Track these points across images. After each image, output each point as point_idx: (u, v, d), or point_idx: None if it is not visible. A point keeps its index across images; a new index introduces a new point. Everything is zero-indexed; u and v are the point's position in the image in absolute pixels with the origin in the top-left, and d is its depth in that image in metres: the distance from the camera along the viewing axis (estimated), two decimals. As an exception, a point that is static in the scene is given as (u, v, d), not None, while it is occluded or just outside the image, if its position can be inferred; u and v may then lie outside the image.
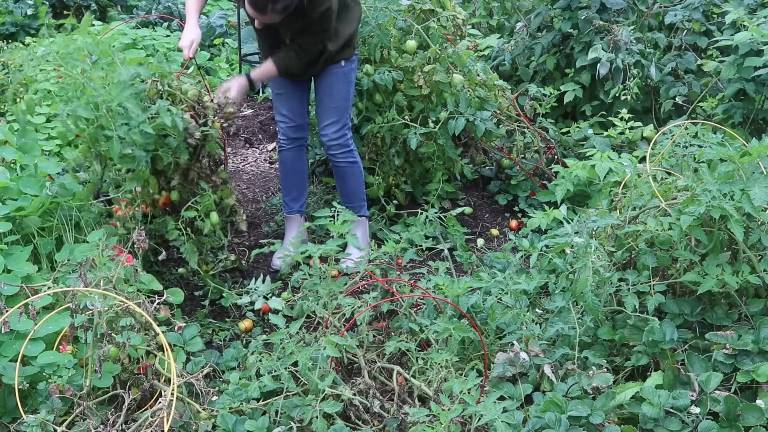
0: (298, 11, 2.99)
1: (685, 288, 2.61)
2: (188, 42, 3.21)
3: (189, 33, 3.23)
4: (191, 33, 3.23)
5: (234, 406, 2.42)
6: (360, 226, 3.58)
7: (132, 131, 2.70)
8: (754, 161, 2.50)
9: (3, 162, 3.26)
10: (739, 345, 2.30)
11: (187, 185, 3.04)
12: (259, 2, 2.89)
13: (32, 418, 2.16)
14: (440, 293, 2.76)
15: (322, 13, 3.07)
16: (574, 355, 2.49)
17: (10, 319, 2.25)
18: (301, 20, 3.05)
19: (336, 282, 2.72)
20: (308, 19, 3.05)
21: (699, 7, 4.76)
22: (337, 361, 2.57)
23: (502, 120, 4.19)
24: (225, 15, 7.18)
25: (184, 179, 3.03)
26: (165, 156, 2.85)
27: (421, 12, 3.90)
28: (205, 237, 3.09)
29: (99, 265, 2.43)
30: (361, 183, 3.59)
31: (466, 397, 2.18)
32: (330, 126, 3.40)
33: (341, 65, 3.34)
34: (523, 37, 5.04)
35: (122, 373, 2.42)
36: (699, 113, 4.53)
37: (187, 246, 2.99)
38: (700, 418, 2.15)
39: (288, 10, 2.95)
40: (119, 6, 7.81)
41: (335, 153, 3.45)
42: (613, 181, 3.59)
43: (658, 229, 2.54)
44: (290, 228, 3.66)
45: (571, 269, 2.72)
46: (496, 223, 4.14)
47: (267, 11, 2.92)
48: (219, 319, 3.14)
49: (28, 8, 6.62)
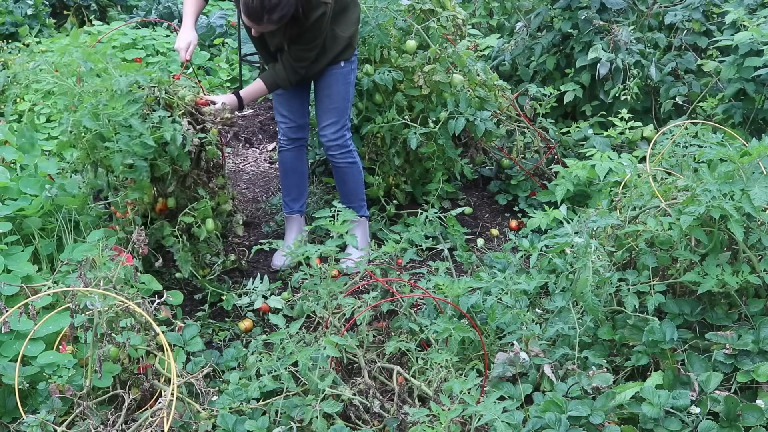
0: (293, 19, 2.99)
1: (685, 288, 2.60)
2: (185, 44, 3.20)
3: (186, 35, 3.22)
4: (188, 35, 3.22)
5: (234, 406, 2.42)
6: (360, 226, 3.58)
7: (133, 142, 2.70)
8: (754, 161, 2.50)
9: (3, 162, 3.26)
10: (739, 345, 2.30)
11: (184, 191, 3.04)
12: (255, 12, 2.88)
13: (32, 418, 2.16)
14: (440, 293, 2.76)
15: (317, 19, 3.06)
16: (574, 355, 2.49)
17: (10, 319, 2.25)
18: (297, 28, 3.05)
19: (336, 282, 2.72)
20: (303, 26, 3.05)
21: (699, 7, 4.76)
22: (337, 361, 2.57)
23: (502, 120, 4.19)
24: (225, 15, 7.18)
25: (181, 186, 3.02)
26: (163, 165, 2.85)
27: (421, 12, 3.90)
28: (203, 243, 3.08)
29: (99, 265, 2.43)
30: (360, 183, 3.59)
31: (466, 397, 2.18)
32: (329, 126, 3.40)
33: (341, 66, 3.34)
34: (523, 37, 5.04)
35: (122, 373, 2.42)
36: (699, 113, 4.53)
37: (180, 255, 2.97)
38: (700, 418, 2.15)
39: (284, 20, 2.94)
40: (119, 6, 7.81)
41: (334, 153, 3.45)
42: (613, 181, 3.59)
43: (658, 229, 2.54)
44: (290, 228, 3.66)
45: (571, 269, 2.72)
46: (496, 223, 4.14)
47: (263, 21, 2.92)
48: (219, 319, 3.14)
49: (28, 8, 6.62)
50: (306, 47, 3.15)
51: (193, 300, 3.23)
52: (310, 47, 3.16)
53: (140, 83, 2.82)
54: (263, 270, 3.52)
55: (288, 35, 3.10)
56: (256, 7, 2.86)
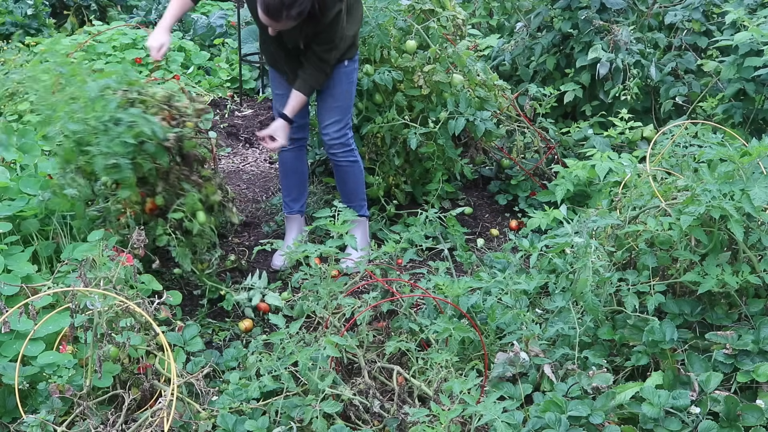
0: (310, 16, 2.98)
1: (685, 288, 2.60)
2: (157, 44, 3.14)
3: (159, 35, 3.16)
4: (162, 36, 3.15)
5: (234, 406, 2.42)
6: (360, 226, 3.58)
7: (113, 142, 2.71)
8: (754, 161, 2.50)
9: (3, 162, 3.26)
10: (739, 345, 2.30)
11: (169, 188, 3.03)
12: (273, 9, 2.87)
13: (32, 418, 2.16)
14: (440, 293, 2.76)
15: (333, 17, 3.06)
16: (574, 355, 2.49)
17: (10, 319, 2.25)
18: (314, 26, 3.04)
19: (336, 282, 2.72)
20: (320, 24, 3.05)
21: (699, 7, 4.76)
22: (337, 361, 2.57)
23: (502, 120, 4.19)
24: (225, 15, 7.18)
25: (165, 182, 3.01)
26: (145, 163, 2.85)
27: (421, 12, 3.90)
28: (197, 237, 3.08)
29: (99, 265, 2.43)
30: (361, 182, 3.59)
31: (466, 397, 2.18)
32: (332, 125, 3.40)
33: (344, 65, 3.34)
34: (523, 37, 5.04)
35: (122, 373, 2.42)
36: (699, 113, 4.53)
37: (178, 250, 2.98)
38: (700, 418, 2.15)
39: (302, 16, 2.92)
40: (119, 6, 7.81)
41: (336, 152, 3.45)
42: (613, 181, 3.59)
43: (658, 229, 2.54)
44: (290, 228, 3.66)
45: (571, 269, 2.72)
46: (496, 223, 4.14)
47: (282, 18, 2.90)
48: (219, 319, 3.14)
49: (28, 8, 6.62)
50: (327, 47, 3.16)
51: (193, 300, 3.23)
52: (330, 47, 3.16)
53: (112, 87, 2.84)
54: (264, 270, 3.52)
55: (305, 33, 3.09)
56: (275, 4, 2.85)
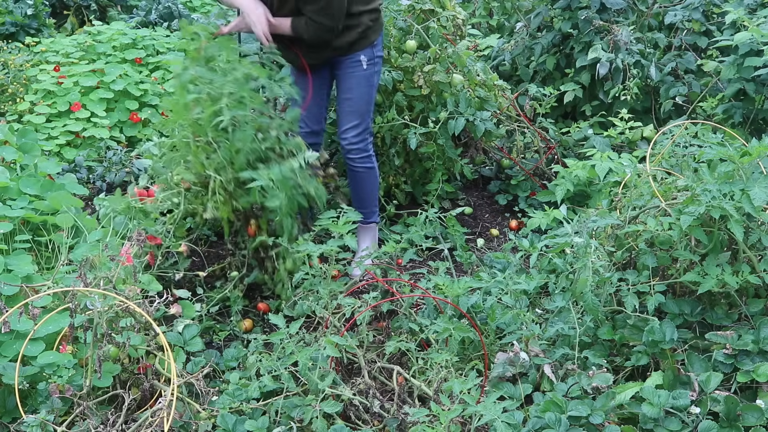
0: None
1: (685, 288, 2.61)
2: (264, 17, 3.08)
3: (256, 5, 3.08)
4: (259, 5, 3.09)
5: (234, 406, 2.42)
6: (370, 231, 3.54)
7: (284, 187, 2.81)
8: (754, 161, 2.50)
9: (3, 162, 3.26)
10: (739, 345, 2.31)
11: None
12: None
13: (32, 418, 2.16)
14: (440, 293, 2.76)
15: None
16: (574, 355, 2.49)
17: (10, 319, 2.26)
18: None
19: (336, 282, 2.72)
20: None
21: (699, 7, 4.76)
22: (337, 361, 2.57)
23: (502, 120, 4.19)
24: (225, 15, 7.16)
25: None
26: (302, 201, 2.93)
27: (421, 12, 3.90)
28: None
29: (99, 265, 2.43)
30: (375, 189, 3.51)
31: (466, 397, 2.18)
32: (351, 130, 3.33)
33: (363, 68, 3.27)
34: (523, 37, 5.04)
35: (122, 373, 2.42)
36: (699, 113, 4.53)
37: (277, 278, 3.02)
38: (700, 418, 2.15)
39: None
40: (119, 6, 7.81)
41: (354, 157, 3.37)
42: (613, 181, 3.59)
43: (658, 229, 2.54)
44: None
45: (571, 269, 2.72)
46: (496, 223, 4.14)
47: None
48: (219, 319, 3.14)
49: (28, 8, 6.62)
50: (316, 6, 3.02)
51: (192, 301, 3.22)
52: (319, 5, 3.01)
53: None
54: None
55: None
56: None
